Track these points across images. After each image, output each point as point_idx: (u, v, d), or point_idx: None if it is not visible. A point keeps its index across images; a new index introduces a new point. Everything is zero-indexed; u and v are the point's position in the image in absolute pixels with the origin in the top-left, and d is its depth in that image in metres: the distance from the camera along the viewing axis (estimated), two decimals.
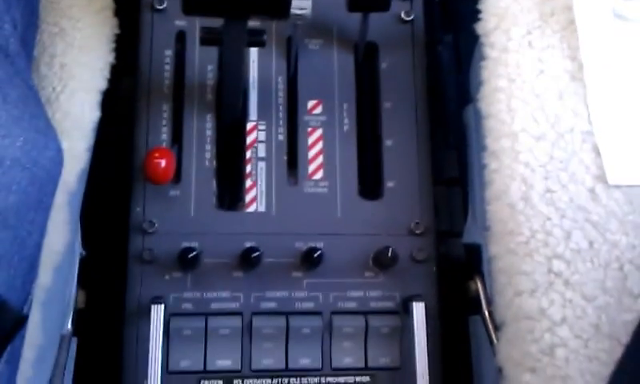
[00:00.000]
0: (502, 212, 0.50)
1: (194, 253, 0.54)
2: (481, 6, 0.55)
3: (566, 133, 0.50)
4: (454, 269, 0.59)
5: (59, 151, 0.46)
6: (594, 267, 0.48)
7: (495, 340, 0.50)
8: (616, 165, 0.50)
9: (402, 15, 0.62)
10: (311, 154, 0.59)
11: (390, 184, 0.58)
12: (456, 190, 0.61)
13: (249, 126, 0.59)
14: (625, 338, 0.46)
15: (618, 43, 0.53)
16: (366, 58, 0.62)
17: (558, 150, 0.50)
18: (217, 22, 0.53)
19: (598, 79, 0.52)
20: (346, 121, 0.60)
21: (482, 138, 0.53)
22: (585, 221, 0.48)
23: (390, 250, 0.54)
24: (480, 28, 0.55)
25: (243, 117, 0.59)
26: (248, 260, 0.54)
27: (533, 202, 0.49)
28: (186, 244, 0.55)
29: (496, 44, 0.53)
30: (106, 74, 0.56)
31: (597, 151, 0.50)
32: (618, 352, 0.46)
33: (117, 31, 0.58)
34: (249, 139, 0.59)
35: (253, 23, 0.55)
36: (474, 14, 0.55)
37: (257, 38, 0.55)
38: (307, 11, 0.58)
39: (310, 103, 0.60)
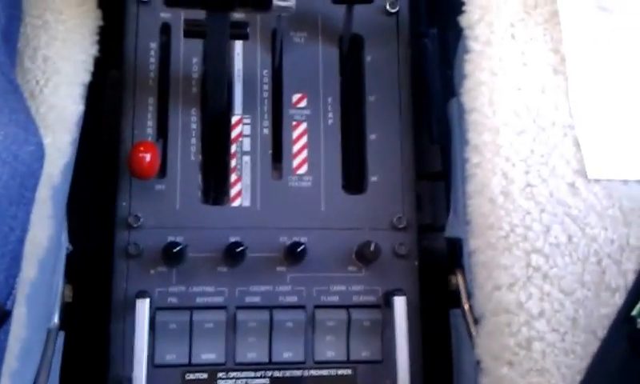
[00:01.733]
0: (482, 206, 0.50)
1: (179, 247, 0.54)
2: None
3: (548, 127, 0.50)
4: (435, 262, 0.59)
5: (40, 146, 0.46)
6: (573, 261, 0.48)
7: (474, 333, 0.51)
8: (596, 159, 0.50)
9: (387, 7, 0.61)
10: (295, 148, 0.59)
11: (373, 178, 0.58)
12: (439, 185, 0.61)
13: (234, 119, 0.59)
14: (601, 331, 0.47)
15: (600, 36, 0.52)
16: (351, 51, 0.61)
17: (538, 144, 0.50)
18: (201, 15, 0.53)
19: (580, 72, 0.51)
20: (330, 115, 0.60)
21: (464, 131, 0.53)
22: (564, 215, 0.49)
23: (373, 245, 0.55)
24: (464, 21, 0.54)
25: (228, 110, 0.59)
26: (232, 255, 0.55)
27: (513, 197, 0.49)
28: (171, 238, 0.56)
29: (480, 37, 0.52)
30: (90, 67, 0.56)
31: (577, 145, 0.50)
32: (594, 346, 0.46)
33: (100, 23, 0.58)
34: (234, 133, 0.59)
35: (237, 16, 0.55)
36: (459, 7, 0.55)
37: (240, 31, 0.55)
38: (292, 3, 0.58)
39: (295, 97, 0.60)
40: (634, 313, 0.45)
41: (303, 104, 0.60)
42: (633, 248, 0.48)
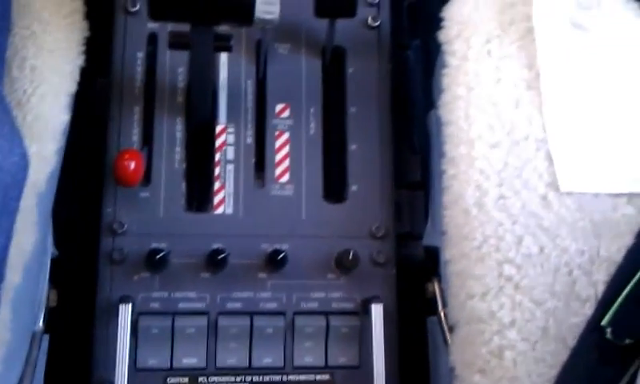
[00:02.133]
0: (457, 217, 0.52)
1: (162, 253, 0.55)
2: (444, 14, 0.56)
3: (521, 140, 0.51)
4: (413, 270, 0.60)
5: (24, 156, 0.47)
6: (544, 272, 0.49)
7: (450, 341, 0.52)
8: (568, 172, 0.51)
9: (369, 21, 0.63)
10: (278, 157, 0.60)
11: (353, 188, 0.60)
12: (418, 194, 0.63)
13: (218, 128, 0.60)
14: (571, 340, 0.48)
15: (574, 53, 0.54)
16: (334, 63, 0.63)
17: (512, 157, 0.51)
18: (186, 26, 0.54)
19: (553, 88, 0.53)
20: (312, 125, 0.61)
21: (441, 144, 0.54)
22: (536, 226, 0.50)
23: (351, 253, 0.56)
24: (442, 36, 0.56)
25: (212, 120, 0.61)
26: (215, 261, 0.56)
27: (486, 208, 0.50)
28: (155, 245, 0.57)
29: (457, 52, 0.54)
30: (76, 77, 0.57)
31: (550, 159, 0.51)
32: (564, 355, 0.48)
33: (87, 34, 0.59)
34: (218, 142, 0.60)
35: (222, 28, 0.57)
36: (438, 22, 0.56)
37: (224, 44, 0.56)
38: (275, 16, 0.59)
39: (278, 107, 0.61)
40: (603, 323, 0.47)
41: (286, 114, 0.61)
42: (603, 259, 0.50)
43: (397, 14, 0.64)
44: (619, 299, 0.48)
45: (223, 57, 0.61)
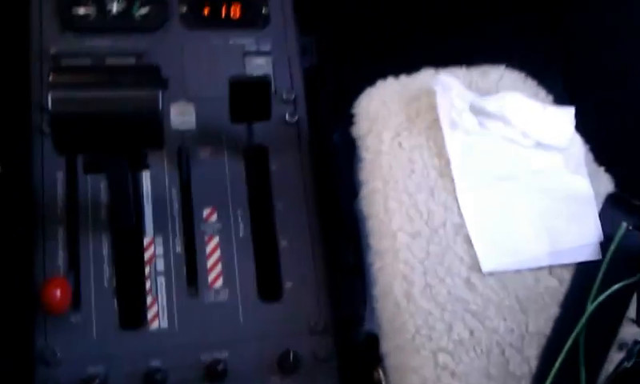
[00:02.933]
0: (388, 310, 0.52)
1: (96, 381, 0.54)
2: (354, 110, 0.58)
3: (439, 227, 0.53)
4: (357, 357, 0.60)
5: None
6: (477, 355, 0.50)
7: None
8: (488, 253, 0.53)
9: (287, 117, 0.64)
10: (210, 262, 0.60)
11: (288, 284, 0.59)
12: (356, 279, 0.63)
13: (146, 241, 0.60)
14: None
15: (479, 137, 0.56)
16: (256, 162, 0.63)
17: (433, 245, 0.53)
18: None
19: (464, 173, 0.55)
20: (241, 226, 0.61)
21: (365, 237, 0.55)
22: (464, 311, 0.51)
23: (292, 355, 0.55)
24: (355, 132, 0.57)
25: (139, 233, 0.60)
26: (152, 382, 0.54)
27: (415, 299, 0.51)
28: (91, 369, 0.55)
29: (370, 147, 0.55)
30: None
31: (469, 242, 0.53)
32: None
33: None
34: (147, 255, 0.59)
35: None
36: (350, 118, 0.58)
37: (140, 164, 0.56)
38: (192, 126, 0.60)
39: (205, 211, 0.61)
40: None
41: (214, 218, 0.61)
42: (532, 334, 0.51)
43: (316, 106, 0.66)
44: (552, 371, 0.49)
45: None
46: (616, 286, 0.51)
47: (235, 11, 0.67)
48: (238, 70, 0.64)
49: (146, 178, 0.61)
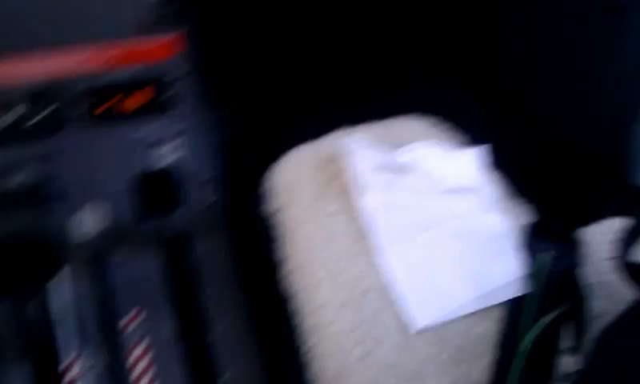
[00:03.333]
0: None
1: None
2: (267, 187, 0.57)
3: (367, 292, 0.52)
4: None
5: None
6: None
7: None
8: (417, 309, 0.52)
9: (205, 199, 0.62)
10: (136, 372, 0.56)
11: (226, 375, 0.57)
12: (294, 361, 0.59)
13: (65, 362, 0.56)
14: None
15: (392, 193, 0.56)
16: (178, 252, 0.61)
17: (362, 312, 0.51)
18: None
19: (382, 232, 0.54)
20: (168, 325, 0.57)
21: (296, 315, 0.53)
22: (404, 372, 0.49)
23: None
24: (271, 207, 0.56)
25: (55, 357, 0.55)
26: None
27: (349, 374, 0.49)
28: None
29: (287, 221, 0.54)
30: None
31: (398, 302, 0.52)
32: None
33: None
34: (67, 378, 0.55)
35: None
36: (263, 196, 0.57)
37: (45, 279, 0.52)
38: (103, 227, 0.57)
39: (128, 316, 0.57)
40: None
41: (137, 322, 0.57)
42: (477, 383, 0.50)
43: (236, 183, 0.64)
44: None
45: (54, 283, 0.58)
46: (547, 318, 0.51)
47: (139, 100, 0.65)
48: (148, 160, 0.62)
49: (58, 292, 0.58)
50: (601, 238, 0.58)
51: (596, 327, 0.51)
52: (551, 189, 0.66)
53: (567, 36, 0.78)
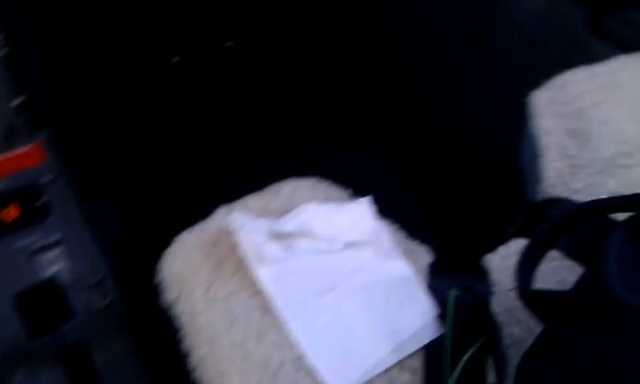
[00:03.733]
0: None
1: None
2: (160, 278, 0.54)
3: (279, 369, 0.49)
4: None
5: None
6: None
7: None
8: (334, 375, 0.49)
9: (98, 303, 0.58)
10: None
11: None
12: None
13: None
14: None
15: (288, 261, 0.54)
16: (78, 363, 0.56)
17: None
18: None
19: (286, 303, 0.52)
20: None
21: None
22: None
23: None
24: (164, 301, 0.53)
25: None
26: None
27: None
28: None
29: (185, 311, 0.52)
30: None
31: (312, 371, 0.49)
32: None
33: None
34: None
35: None
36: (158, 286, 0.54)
37: None
38: None
39: None
40: None
41: None
42: None
43: (131, 278, 0.61)
44: None
45: None
46: (466, 356, 0.50)
47: (10, 213, 0.62)
48: (28, 274, 0.58)
49: None
50: (506, 262, 0.58)
51: (516, 355, 0.50)
52: (452, 218, 0.66)
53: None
